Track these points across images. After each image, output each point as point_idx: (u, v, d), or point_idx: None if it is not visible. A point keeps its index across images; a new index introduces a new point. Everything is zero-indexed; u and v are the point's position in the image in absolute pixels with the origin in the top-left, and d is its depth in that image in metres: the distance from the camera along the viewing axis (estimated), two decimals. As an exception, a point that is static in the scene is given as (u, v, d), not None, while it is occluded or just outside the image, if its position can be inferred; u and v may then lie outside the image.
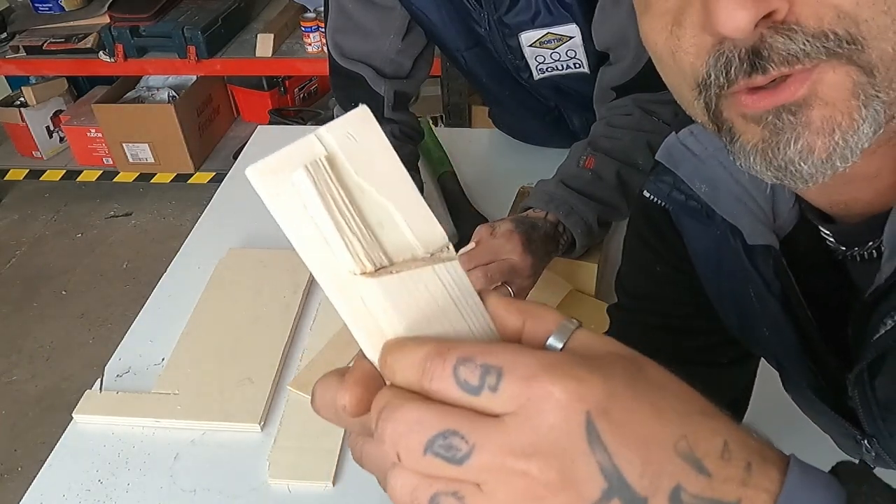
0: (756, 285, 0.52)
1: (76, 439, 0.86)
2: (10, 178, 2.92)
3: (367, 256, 0.31)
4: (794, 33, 0.36)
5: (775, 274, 0.50)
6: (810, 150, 0.37)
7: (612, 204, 0.94)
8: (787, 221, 0.51)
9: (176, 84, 2.86)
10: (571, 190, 0.92)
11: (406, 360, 0.30)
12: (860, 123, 0.37)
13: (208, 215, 1.22)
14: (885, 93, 0.37)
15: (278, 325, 0.97)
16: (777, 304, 0.51)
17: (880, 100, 0.37)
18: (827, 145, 0.37)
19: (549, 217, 0.90)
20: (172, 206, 2.90)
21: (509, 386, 0.27)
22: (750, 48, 0.37)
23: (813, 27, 0.36)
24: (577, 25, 0.97)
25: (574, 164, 0.97)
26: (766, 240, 0.50)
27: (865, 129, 0.37)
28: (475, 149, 1.35)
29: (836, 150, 0.37)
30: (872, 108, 0.37)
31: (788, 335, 0.52)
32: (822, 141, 0.37)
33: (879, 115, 0.37)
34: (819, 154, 0.37)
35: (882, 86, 0.36)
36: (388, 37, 1.06)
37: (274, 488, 0.79)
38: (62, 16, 2.78)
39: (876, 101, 0.37)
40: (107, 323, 2.38)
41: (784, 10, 0.36)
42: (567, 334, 0.31)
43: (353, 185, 0.32)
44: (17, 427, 2.08)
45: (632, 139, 0.97)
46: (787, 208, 0.51)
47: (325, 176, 0.31)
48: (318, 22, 2.47)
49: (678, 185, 0.56)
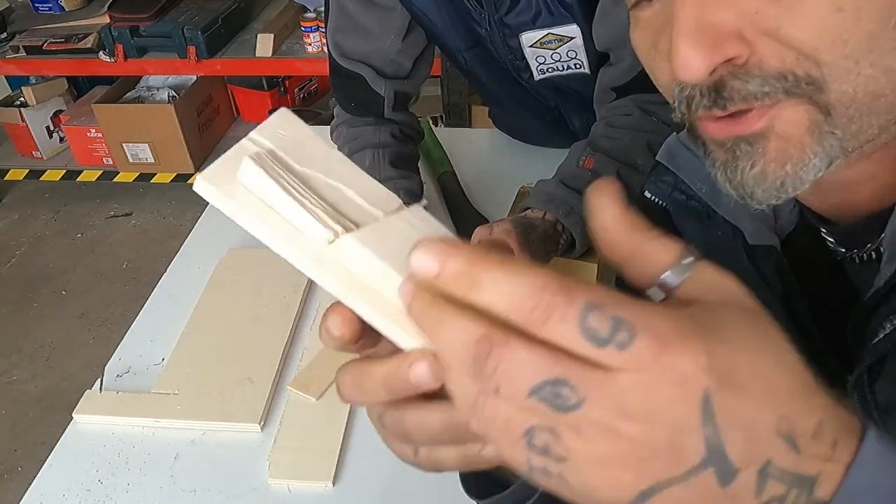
0: (757, 286, 0.52)
1: (76, 439, 0.86)
2: (10, 178, 2.92)
3: (336, 220, 0.31)
4: (752, 77, 0.38)
5: (777, 274, 0.50)
6: (764, 176, 0.40)
7: None
8: (788, 222, 0.52)
9: (176, 84, 2.86)
10: (571, 190, 0.92)
11: (510, 286, 0.27)
12: (811, 158, 0.39)
13: (208, 215, 1.22)
14: (842, 130, 0.39)
15: (278, 325, 0.97)
16: (778, 304, 0.51)
17: (835, 136, 0.39)
18: (779, 174, 0.40)
19: (547, 217, 0.90)
20: (172, 206, 2.90)
21: (641, 347, 0.26)
22: (711, 86, 0.39)
23: (774, 67, 0.37)
24: (578, 26, 0.97)
25: (573, 164, 0.97)
26: (767, 240, 0.50)
27: (816, 163, 0.39)
28: (475, 149, 1.35)
29: (787, 179, 0.40)
30: (827, 144, 0.39)
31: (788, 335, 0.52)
32: (775, 169, 0.40)
33: (833, 150, 0.39)
34: (772, 181, 0.40)
35: (839, 123, 0.38)
36: (389, 37, 1.06)
37: (274, 488, 0.79)
38: (62, 16, 2.78)
39: (831, 137, 0.39)
40: (107, 323, 2.39)
41: (744, 56, 0.38)
42: (682, 275, 0.29)
43: (299, 174, 0.33)
44: (17, 427, 2.08)
45: (631, 139, 0.97)
46: (788, 209, 0.51)
47: (270, 163, 0.32)
48: (318, 22, 2.47)
49: (679, 186, 0.56)
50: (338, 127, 1.14)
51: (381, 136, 1.08)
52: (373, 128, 1.09)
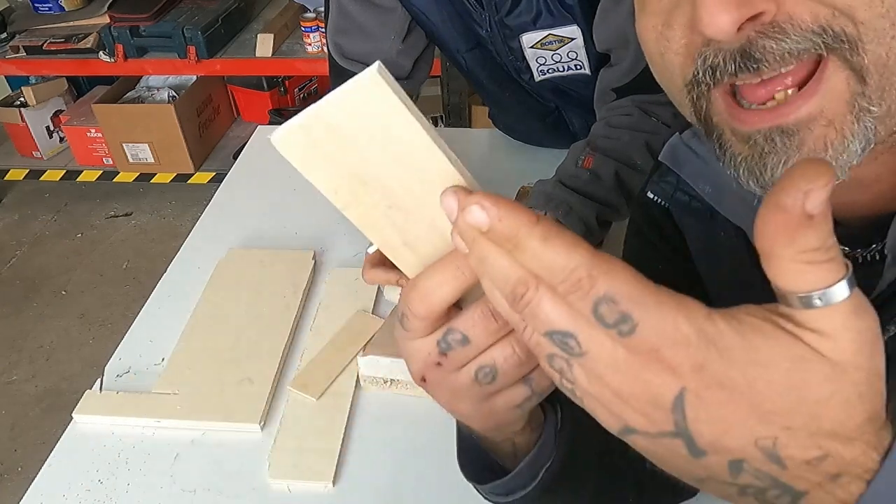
0: (758, 287, 0.52)
1: (76, 439, 0.86)
2: (10, 178, 2.92)
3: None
4: (785, 33, 0.36)
5: None
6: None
7: (610, 203, 0.94)
8: None
9: (176, 84, 2.86)
10: (570, 190, 0.92)
11: (546, 260, 0.30)
12: (850, 141, 0.37)
13: (208, 215, 1.22)
14: (877, 105, 0.36)
15: (278, 325, 0.97)
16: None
17: (872, 115, 0.37)
18: (831, 152, 0.37)
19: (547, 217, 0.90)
20: (172, 206, 2.90)
21: (634, 344, 0.29)
22: (737, 50, 0.37)
23: (809, 22, 0.35)
24: (579, 27, 0.97)
25: (572, 163, 0.97)
26: None
27: (855, 147, 0.37)
28: (475, 149, 1.35)
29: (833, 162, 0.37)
30: (863, 125, 0.37)
31: None
32: (828, 146, 0.37)
33: (869, 132, 0.37)
34: None
35: (874, 96, 0.36)
36: (389, 38, 1.06)
37: (274, 488, 0.79)
38: (62, 16, 2.78)
39: (867, 115, 0.37)
40: (107, 323, 2.39)
41: (772, 12, 0.36)
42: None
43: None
44: (17, 427, 2.08)
45: (630, 139, 0.97)
46: None
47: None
48: (318, 22, 2.47)
49: (681, 186, 0.56)
50: (338, 127, 1.14)
51: None
52: None
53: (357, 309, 0.98)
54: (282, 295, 1.01)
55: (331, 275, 1.06)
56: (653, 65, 0.44)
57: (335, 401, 0.87)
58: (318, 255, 1.10)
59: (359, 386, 0.89)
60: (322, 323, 0.98)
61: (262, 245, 1.12)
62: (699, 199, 0.54)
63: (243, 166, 1.35)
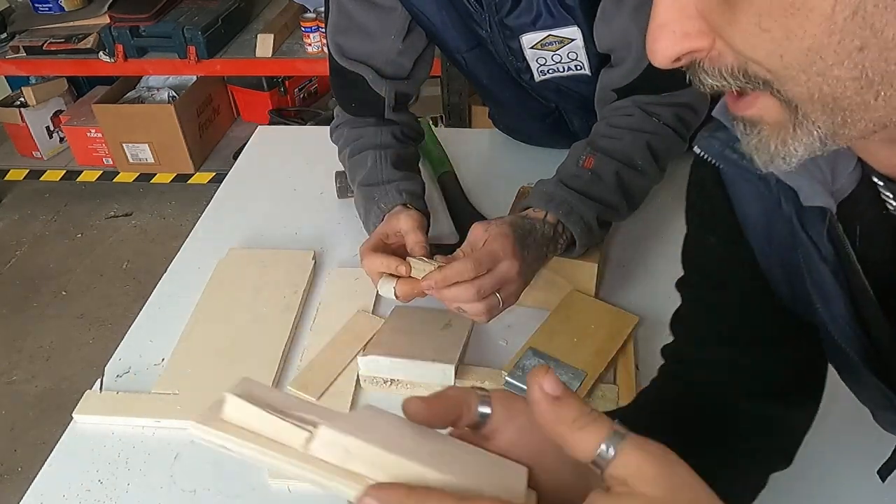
0: (806, 251, 0.52)
1: (76, 439, 0.86)
2: (10, 178, 2.92)
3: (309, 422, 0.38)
4: (707, 73, 0.40)
5: (829, 239, 0.50)
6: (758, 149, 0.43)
7: (611, 204, 0.94)
8: (846, 185, 0.50)
9: (176, 84, 2.86)
10: (571, 189, 0.92)
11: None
12: (794, 146, 0.40)
13: (208, 215, 1.22)
14: (822, 124, 0.39)
15: (278, 325, 0.97)
16: (828, 270, 0.51)
17: (816, 128, 0.39)
18: (772, 149, 0.41)
19: (548, 218, 0.90)
20: (172, 206, 2.90)
21: None
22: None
23: (730, 65, 0.39)
24: (579, 28, 0.97)
25: (573, 164, 0.97)
26: (822, 201, 0.49)
27: (800, 150, 0.40)
28: (475, 149, 1.35)
29: (777, 154, 0.41)
30: (806, 135, 0.40)
31: (837, 303, 0.52)
32: (767, 144, 0.42)
33: (814, 142, 0.40)
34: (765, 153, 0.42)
35: (815, 118, 0.39)
36: (389, 38, 1.06)
37: (274, 488, 0.79)
38: (62, 16, 2.78)
39: (813, 130, 0.39)
40: (107, 323, 2.39)
41: (705, 50, 0.39)
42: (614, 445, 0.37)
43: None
44: (17, 427, 2.08)
45: (631, 139, 0.97)
46: (848, 171, 0.50)
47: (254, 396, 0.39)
48: (318, 22, 2.47)
49: (731, 143, 0.54)
50: (338, 127, 1.14)
51: (383, 137, 1.08)
52: (374, 129, 1.09)
53: (357, 309, 0.98)
54: (282, 295, 1.01)
55: (331, 275, 1.06)
56: None
57: (335, 401, 0.87)
58: (318, 255, 1.10)
59: (359, 386, 0.89)
60: (322, 323, 0.98)
61: (262, 245, 1.12)
62: (749, 159, 0.54)
63: (243, 166, 1.36)
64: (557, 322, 0.93)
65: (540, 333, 0.91)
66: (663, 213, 1.13)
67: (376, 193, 1.00)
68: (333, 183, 1.20)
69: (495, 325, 0.95)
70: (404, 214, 0.93)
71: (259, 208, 1.21)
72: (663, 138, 0.98)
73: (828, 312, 0.53)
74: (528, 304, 0.96)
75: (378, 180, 1.02)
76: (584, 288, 0.97)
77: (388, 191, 0.99)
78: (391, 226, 0.93)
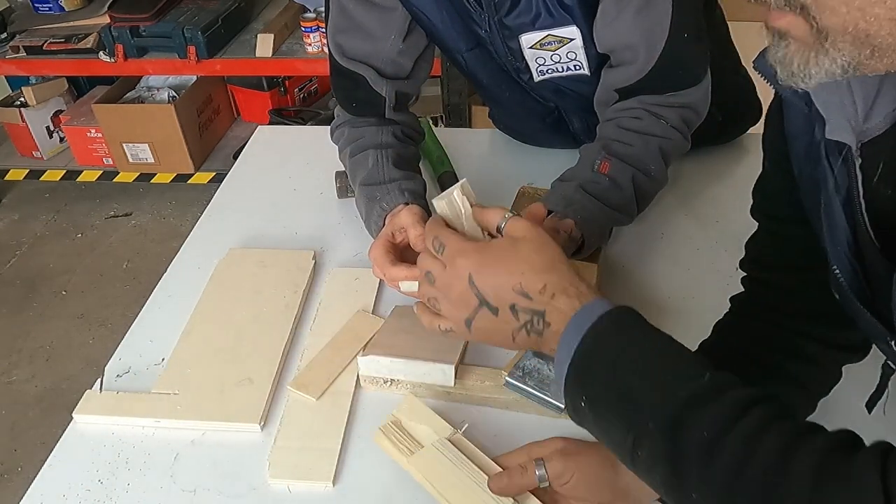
0: (825, 180, 0.55)
1: (76, 439, 0.86)
2: (10, 178, 2.92)
3: None
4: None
5: (846, 174, 0.52)
6: (782, 63, 0.47)
7: (627, 211, 0.95)
8: (880, 125, 0.52)
9: (176, 84, 2.86)
10: (590, 196, 0.92)
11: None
12: (814, 67, 0.45)
13: (208, 215, 1.22)
14: (848, 53, 0.42)
15: (278, 325, 0.97)
16: (838, 202, 0.53)
17: (840, 56, 0.43)
18: (792, 67, 0.46)
19: (566, 221, 0.90)
20: (172, 206, 2.90)
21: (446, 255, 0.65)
22: None
23: None
24: (578, 28, 0.97)
25: (588, 168, 0.96)
26: (843, 137, 0.52)
27: (819, 72, 0.45)
28: (475, 149, 1.35)
29: (797, 72, 0.46)
30: (828, 61, 0.43)
31: (841, 233, 0.55)
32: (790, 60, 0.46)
33: (835, 68, 0.43)
34: (786, 68, 0.47)
35: (842, 48, 0.42)
36: (390, 37, 1.06)
37: (274, 488, 0.79)
38: (62, 16, 2.78)
39: (829, 58, 0.43)
40: (107, 323, 2.39)
41: None
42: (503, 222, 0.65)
43: None
44: (17, 427, 2.09)
45: (644, 144, 0.97)
46: (886, 112, 0.52)
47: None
48: (318, 22, 2.47)
49: None
50: (339, 127, 1.14)
51: (384, 136, 1.08)
52: (375, 128, 1.09)
53: (357, 309, 0.98)
54: (282, 295, 1.01)
55: (331, 275, 1.06)
56: None
57: (335, 401, 0.87)
58: (318, 255, 1.10)
59: (359, 386, 0.89)
60: (322, 323, 0.98)
61: (262, 245, 1.12)
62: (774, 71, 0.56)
63: (243, 166, 1.36)
64: (557, 322, 0.93)
65: (540, 333, 0.91)
66: (663, 214, 1.13)
67: (378, 193, 1.00)
68: (333, 183, 1.20)
69: (495, 325, 0.95)
70: (406, 210, 0.94)
71: (259, 208, 1.21)
72: (671, 142, 0.98)
73: (831, 240, 0.57)
74: (528, 304, 0.96)
75: (380, 180, 1.02)
76: (584, 288, 0.97)
77: (390, 190, 0.99)
78: (395, 224, 0.94)
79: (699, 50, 1.00)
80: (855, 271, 0.56)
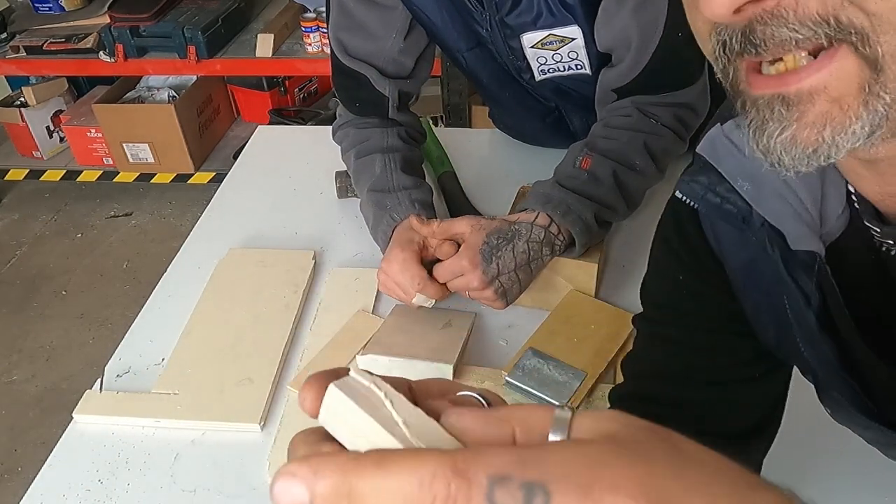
0: (792, 297, 0.49)
1: (76, 439, 0.86)
2: (10, 178, 2.92)
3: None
4: (784, 20, 0.34)
5: (817, 285, 0.47)
6: (794, 142, 0.37)
7: (609, 204, 0.94)
8: (836, 227, 0.48)
9: (176, 84, 2.86)
10: (567, 190, 0.93)
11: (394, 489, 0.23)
12: (853, 123, 0.36)
13: (208, 215, 1.22)
14: (892, 93, 0.35)
15: (278, 325, 0.97)
16: (812, 317, 0.48)
17: (884, 100, 0.35)
18: (812, 140, 0.36)
19: (538, 220, 0.90)
20: (172, 206, 2.90)
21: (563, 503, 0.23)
22: (741, 30, 0.36)
23: (813, 11, 0.34)
24: (580, 27, 0.97)
25: (570, 164, 0.97)
26: (810, 245, 0.47)
27: (857, 129, 0.36)
28: (475, 149, 1.35)
29: (821, 146, 0.36)
30: (873, 107, 0.35)
31: (824, 350, 0.50)
32: (809, 135, 0.36)
33: (878, 117, 0.35)
34: (803, 148, 0.37)
35: (891, 85, 0.35)
36: (391, 36, 1.06)
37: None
38: (62, 16, 2.78)
39: (878, 101, 0.35)
40: (107, 323, 2.39)
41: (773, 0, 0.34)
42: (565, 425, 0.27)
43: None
44: (17, 427, 2.08)
45: (629, 140, 0.97)
46: (837, 213, 0.48)
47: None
48: (318, 22, 2.47)
49: (713, 187, 0.52)
50: (342, 128, 1.14)
51: (390, 139, 1.08)
52: (380, 130, 1.09)
53: (357, 309, 0.98)
54: (282, 295, 1.01)
55: (331, 275, 1.06)
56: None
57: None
58: (318, 255, 1.09)
59: (359, 386, 0.89)
60: (322, 323, 0.98)
61: (262, 245, 1.12)
62: (732, 203, 0.51)
63: (243, 166, 1.35)
64: (557, 322, 0.93)
65: (540, 333, 0.91)
66: (663, 213, 1.13)
67: (388, 202, 1.00)
68: (333, 183, 1.20)
69: (495, 324, 0.95)
70: (413, 217, 0.95)
71: (259, 208, 1.21)
72: (661, 139, 0.98)
73: (815, 357, 0.52)
74: (528, 304, 0.96)
75: (389, 187, 1.02)
76: (584, 288, 0.97)
77: (401, 200, 1.00)
78: (412, 233, 0.95)
79: (694, 49, 1.00)
80: (853, 388, 0.50)
